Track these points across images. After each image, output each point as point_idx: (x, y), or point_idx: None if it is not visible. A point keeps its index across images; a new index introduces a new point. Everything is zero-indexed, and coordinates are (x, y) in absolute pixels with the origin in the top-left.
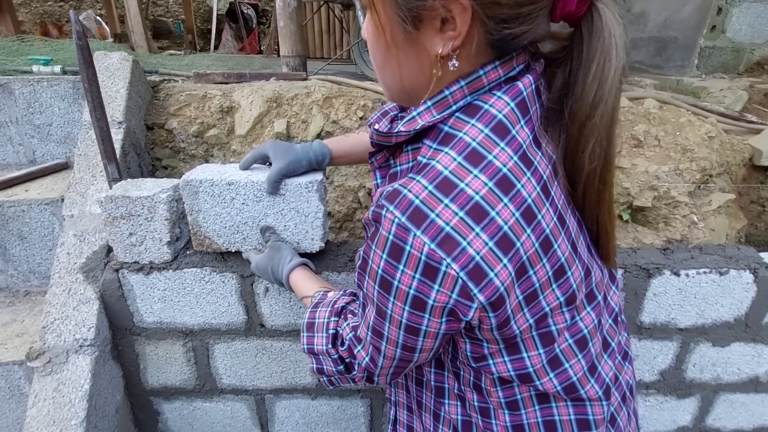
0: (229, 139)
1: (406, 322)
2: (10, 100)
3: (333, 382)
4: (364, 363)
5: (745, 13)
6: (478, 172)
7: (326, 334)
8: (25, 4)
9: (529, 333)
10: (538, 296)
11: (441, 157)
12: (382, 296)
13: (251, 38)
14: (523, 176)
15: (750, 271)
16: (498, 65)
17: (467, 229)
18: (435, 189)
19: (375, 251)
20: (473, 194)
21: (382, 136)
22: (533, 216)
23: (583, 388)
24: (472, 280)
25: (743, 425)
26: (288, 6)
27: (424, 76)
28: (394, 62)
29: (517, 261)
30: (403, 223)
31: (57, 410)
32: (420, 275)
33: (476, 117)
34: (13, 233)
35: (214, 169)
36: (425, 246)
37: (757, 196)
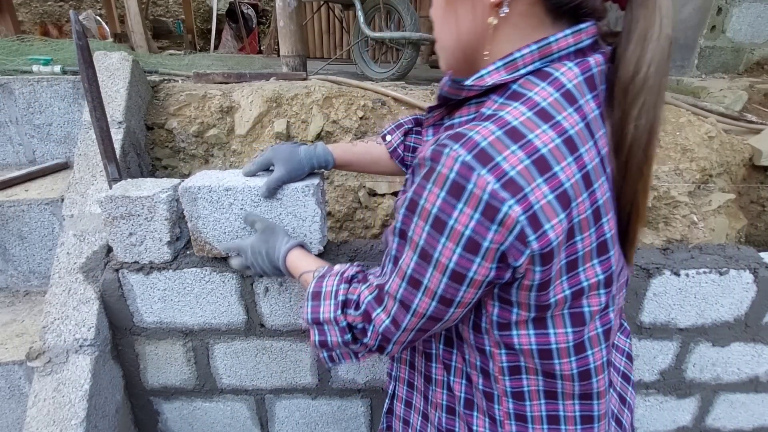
0: (229, 138)
1: (453, 267)
2: (9, 100)
3: (334, 358)
4: (382, 327)
5: (745, 13)
6: (547, 127)
7: (335, 301)
8: (24, 4)
9: (561, 310)
10: (578, 266)
11: (510, 109)
12: (432, 238)
13: (251, 38)
14: (586, 143)
15: (750, 271)
16: (569, 34)
17: (531, 177)
18: (503, 135)
19: (431, 189)
20: (541, 146)
21: (453, 89)
22: (590, 183)
23: (596, 377)
24: (531, 225)
25: (743, 425)
26: (288, 6)
27: (479, 29)
28: (453, 16)
29: (569, 221)
30: (467, 162)
31: (57, 410)
32: (479, 215)
33: (547, 81)
34: (13, 233)
35: (212, 175)
36: (489, 185)
37: (757, 195)
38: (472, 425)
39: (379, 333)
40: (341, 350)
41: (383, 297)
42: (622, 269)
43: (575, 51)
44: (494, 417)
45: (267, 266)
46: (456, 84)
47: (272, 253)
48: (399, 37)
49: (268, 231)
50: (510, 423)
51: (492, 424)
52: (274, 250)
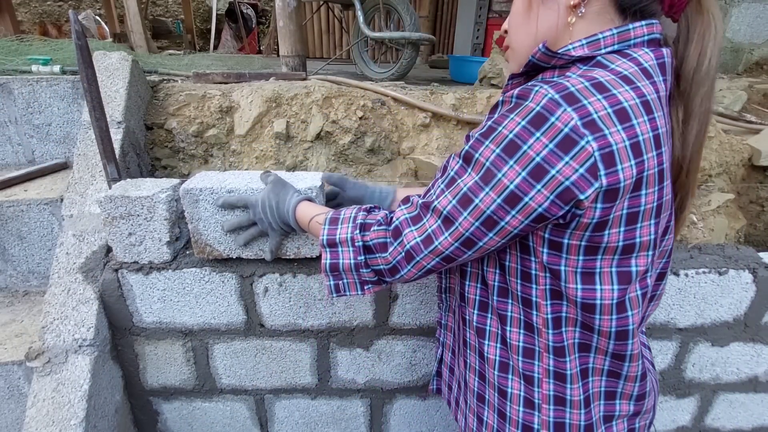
0: (228, 138)
1: (512, 189)
2: (9, 100)
3: (340, 287)
4: (411, 243)
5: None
6: (628, 88)
7: (353, 223)
8: (24, 4)
9: (610, 267)
10: (637, 221)
11: (597, 71)
12: (500, 159)
13: (251, 38)
14: (659, 110)
15: (749, 271)
16: (644, 25)
17: (612, 123)
18: (591, 86)
19: (512, 119)
20: (623, 101)
21: (545, 56)
22: (660, 145)
23: (631, 339)
24: (603, 161)
25: (742, 425)
26: (288, 6)
27: (557, 26)
28: (534, 20)
29: (640, 170)
30: (555, 99)
31: (56, 410)
32: (554, 145)
33: (627, 58)
34: (13, 233)
35: (213, 177)
36: (573, 120)
37: (756, 196)
38: (505, 387)
39: (403, 250)
40: (349, 277)
41: (424, 215)
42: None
43: (648, 40)
44: (531, 376)
45: (275, 218)
46: (548, 51)
47: (282, 205)
48: (398, 37)
49: (279, 184)
50: (548, 381)
51: (527, 385)
52: (284, 202)
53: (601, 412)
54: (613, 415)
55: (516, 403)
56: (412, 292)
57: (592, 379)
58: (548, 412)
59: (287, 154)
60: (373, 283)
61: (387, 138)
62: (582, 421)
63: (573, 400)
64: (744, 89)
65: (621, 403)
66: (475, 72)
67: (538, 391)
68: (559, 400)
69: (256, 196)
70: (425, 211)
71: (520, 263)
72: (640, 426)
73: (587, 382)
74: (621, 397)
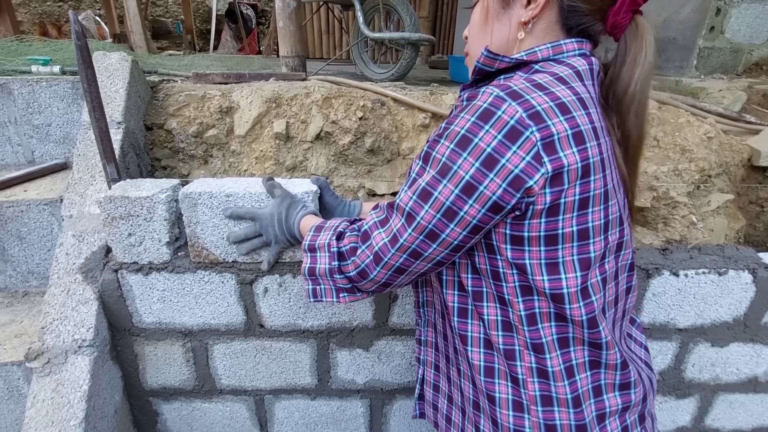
0: (228, 139)
1: (467, 180)
2: (9, 100)
3: (317, 292)
4: (379, 245)
5: (744, 14)
6: (564, 87)
7: (333, 231)
8: (24, 4)
9: (571, 255)
10: (588, 206)
11: (535, 75)
12: (454, 153)
13: (250, 38)
14: (592, 107)
15: (749, 272)
16: (574, 41)
17: (554, 114)
18: (531, 85)
19: (463, 117)
20: (562, 97)
21: (488, 59)
22: (597, 136)
23: (600, 325)
24: (546, 149)
25: (742, 425)
26: (287, 6)
27: (508, 39)
28: (488, 32)
29: (585, 157)
30: (501, 95)
31: (56, 411)
32: (502, 136)
33: (561, 64)
34: (12, 233)
35: (212, 181)
36: (518, 113)
37: (756, 196)
38: (493, 393)
39: (372, 252)
40: (325, 283)
41: (390, 216)
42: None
43: (579, 54)
44: (517, 377)
45: (283, 230)
46: (490, 54)
47: (290, 219)
48: (398, 37)
49: (288, 198)
50: (533, 381)
51: (515, 387)
52: (292, 216)
53: (593, 412)
54: (604, 413)
55: (505, 407)
56: (412, 293)
57: (579, 377)
58: (537, 414)
59: (287, 154)
60: (348, 291)
61: (387, 138)
62: (573, 421)
63: (560, 398)
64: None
65: (608, 397)
66: None
67: (524, 392)
68: (546, 399)
69: (264, 209)
70: (390, 212)
71: (488, 263)
72: (632, 422)
73: (575, 381)
74: (606, 390)
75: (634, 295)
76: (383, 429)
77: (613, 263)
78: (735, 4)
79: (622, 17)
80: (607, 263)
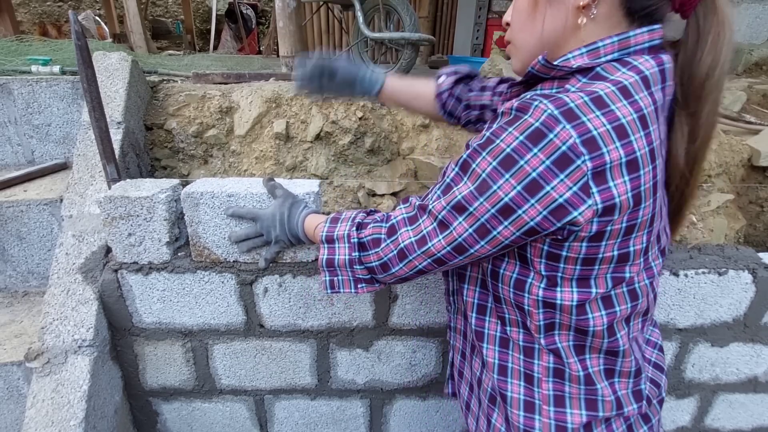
0: (228, 139)
1: (506, 201)
2: (8, 101)
3: (335, 284)
4: (405, 242)
5: (744, 14)
6: (627, 103)
7: (352, 222)
8: (23, 4)
9: (605, 273)
10: (634, 231)
11: (597, 84)
12: (496, 172)
13: (250, 38)
14: (655, 124)
15: (749, 272)
16: (645, 32)
17: (610, 140)
18: (590, 101)
19: (510, 132)
20: (621, 117)
21: (544, 68)
22: (654, 159)
23: (618, 333)
24: (595, 179)
25: (742, 425)
26: (287, 6)
27: (565, 28)
28: (540, 19)
29: (636, 186)
30: (555, 115)
31: (56, 411)
32: (551, 162)
33: (627, 67)
34: (12, 233)
35: (213, 182)
36: (571, 138)
37: (756, 196)
38: (505, 391)
39: (396, 248)
40: (343, 274)
41: (420, 216)
42: (662, 240)
43: (649, 47)
44: (532, 375)
45: (285, 230)
46: (547, 64)
47: (292, 219)
48: (398, 37)
49: (290, 198)
50: (548, 381)
51: (528, 387)
52: (295, 216)
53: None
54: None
55: (516, 407)
56: (412, 293)
57: (599, 386)
58: (549, 414)
59: (287, 154)
60: (366, 281)
61: (387, 138)
62: (583, 422)
63: (572, 398)
64: (743, 90)
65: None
66: None
67: (538, 391)
68: (559, 400)
69: (266, 210)
70: (422, 212)
71: (517, 272)
72: (635, 420)
73: (595, 389)
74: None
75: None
76: (383, 429)
77: (644, 276)
78: (735, 4)
79: None
80: (638, 276)
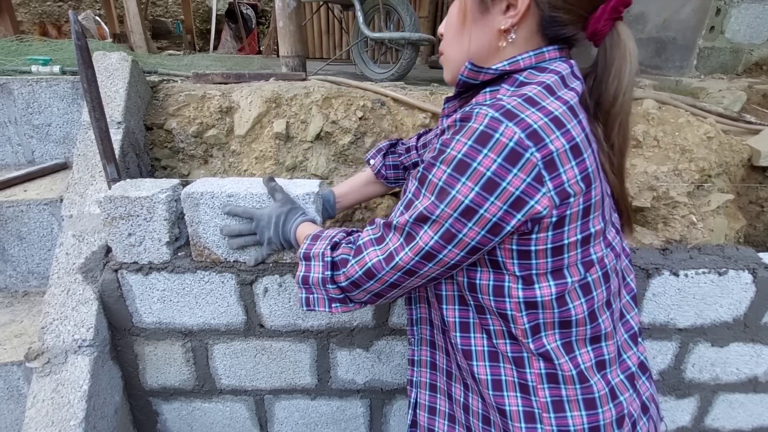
0: (228, 139)
1: (467, 203)
2: (9, 100)
3: (310, 301)
4: (373, 261)
5: (744, 14)
6: (554, 99)
7: (328, 241)
8: (24, 4)
9: (576, 261)
10: (590, 213)
11: (525, 89)
12: (452, 178)
13: (250, 38)
14: (581, 113)
15: (749, 272)
16: (556, 48)
17: (550, 131)
18: (524, 101)
19: (458, 140)
20: (554, 110)
21: (472, 72)
22: (590, 143)
23: (600, 317)
24: (547, 168)
25: (742, 425)
26: (287, 6)
27: (488, 47)
28: (467, 36)
29: (583, 168)
30: (496, 117)
31: (56, 411)
32: (502, 159)
33: (546, 72)
34: (12, 233)
35: (213, 182)
36: (516, 134)
37: (756, 196)
38: (503, 406)
39: (362, 267)
40: (318, 292)
41: (386, 234)
42: (613, 224)
43: (559, 58)
44: (527, 385)
45: (278, 233)
46: (474, 67)
47: (287, 224)
48: (398, 37)
49: (288, 203)
50: (543, 388)
51: (525, 397)
52: (290, 222)
53: (612, 416)
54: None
55: (517, 420)
56: None
57: (593, 381)
58: (550, 421)
59: (287, 154)
60: (340, 301)
61: (387, 138)
62: (586, 424)
63: (571, 400)
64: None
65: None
66: None
67: (535, 399)
68: (557, 405)
69: (263, 211)
70: (387, 230)
71: (492, 279)
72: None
73: (589, 386)
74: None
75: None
76: (383, 429)
77: (612, 257)
78: (735, 4)
79: (603, 25)
80: (606, 257)
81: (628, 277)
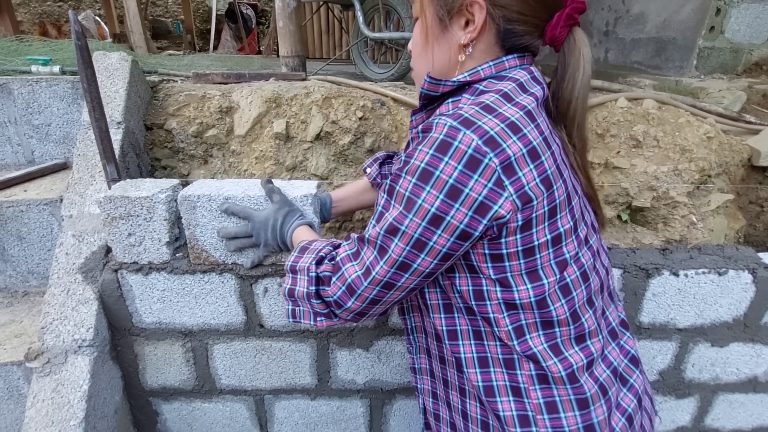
0: (228, 139)
1: (434, 211)
2: (8, 100)
3: (296, 313)
4: (352, 277)
5: (744, 14)
6: (511, 105)
7: (315, 255)
8: (23, 4)
9: (549, 261)
10: (556, 213)
11: (482, 97)
12: (417, 187)
13: (250, 38)
14: (540, 116)
15: (749, 272)
16: (516, 57)
17: (507, 136)
18: (480, 109)
19: (421, 150)
20: (510, 116)
21: (432, 85)
22: (549, 146)
23: (583, 317)
24: (505, 173)
25: (742, 425)
26: (287, 6)
27: (449, 62)
28: (430, 52)
29: (542, 172)
30: (454, 125)
31: (56, 411)
32: (462, 166)
33: (505, 80)
34: (12, 233)
35: (211, 184)
36: (473, 142)
37: (756, 196)
38: (498, 411)
39: (344, 284)
40: (303, 305)
41: (361, 248)
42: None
43: (520, 66)
44: (518, 387)
45: (275, 236)
46: (432, 80)
47: (284, 227)
48: (398, 37)
49: (286, 206)
50: (535, 389)
51: (518, 401)
52: (287, 224)
53: (605, 413)
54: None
55: (512, 425)
56: None
57: (584, 380)
58: (545, 423)
59: (287, 154)
60: (325, 315)
61: (387, 138)
62: (580, 423)
63: (563, 400)
64: (743, 89)
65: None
66: None
67: (528, 401)
68: (551, 406)
69: (260, 212)
70: (361, 244)
71: (471, 283)
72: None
73: (580, 386)
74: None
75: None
76: (383, 429)
77: (588, 255)
78: (735, 4)
79: (560, 32)
80: (583, 256)
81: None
